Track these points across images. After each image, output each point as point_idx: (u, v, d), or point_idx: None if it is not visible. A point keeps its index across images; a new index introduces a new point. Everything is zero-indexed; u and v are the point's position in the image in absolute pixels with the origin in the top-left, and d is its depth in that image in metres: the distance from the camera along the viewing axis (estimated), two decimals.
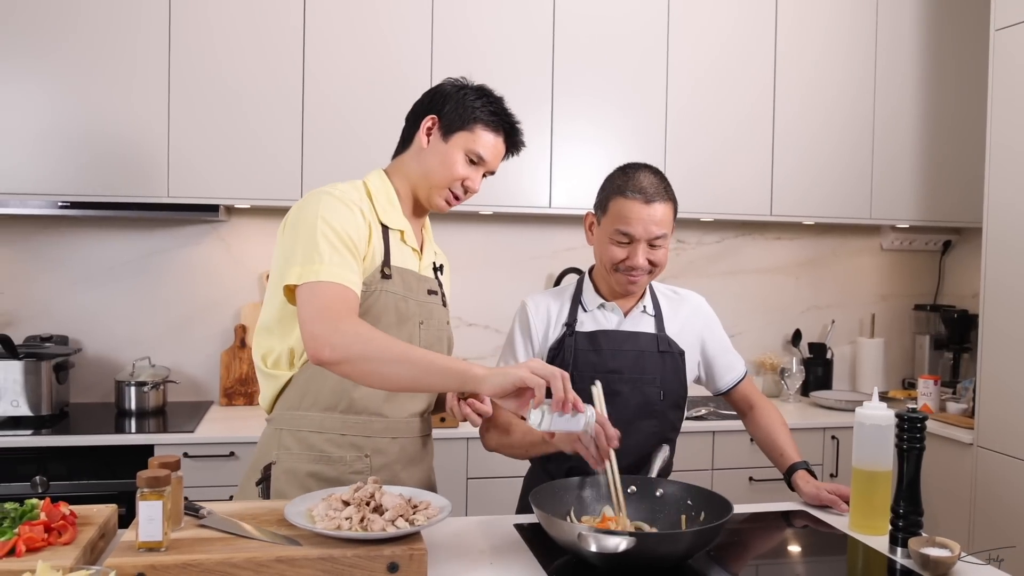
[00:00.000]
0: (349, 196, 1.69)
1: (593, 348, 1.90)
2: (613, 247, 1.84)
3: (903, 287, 3.87)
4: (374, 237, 1.71)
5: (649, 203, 1.81)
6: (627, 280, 1.86)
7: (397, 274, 1.74)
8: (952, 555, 1.47)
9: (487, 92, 1.80)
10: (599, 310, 1.95)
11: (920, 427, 1.55)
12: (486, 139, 1.76)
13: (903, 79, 3.48)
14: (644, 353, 1.91)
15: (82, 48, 2.81)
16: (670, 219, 1.85)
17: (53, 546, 1.37)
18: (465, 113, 1.75)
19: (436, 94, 1.80)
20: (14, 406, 2.80)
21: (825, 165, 3.40)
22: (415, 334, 1.77)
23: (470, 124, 1.75)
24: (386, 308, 1.72)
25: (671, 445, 1.99)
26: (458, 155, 1.75)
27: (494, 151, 1.78)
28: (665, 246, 1.86)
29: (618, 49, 3.20)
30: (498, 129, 1.78)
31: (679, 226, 3.60)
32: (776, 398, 3.58)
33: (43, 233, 3.13)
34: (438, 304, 1.85)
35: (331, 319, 1.51)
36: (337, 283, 1.57)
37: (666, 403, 1.92)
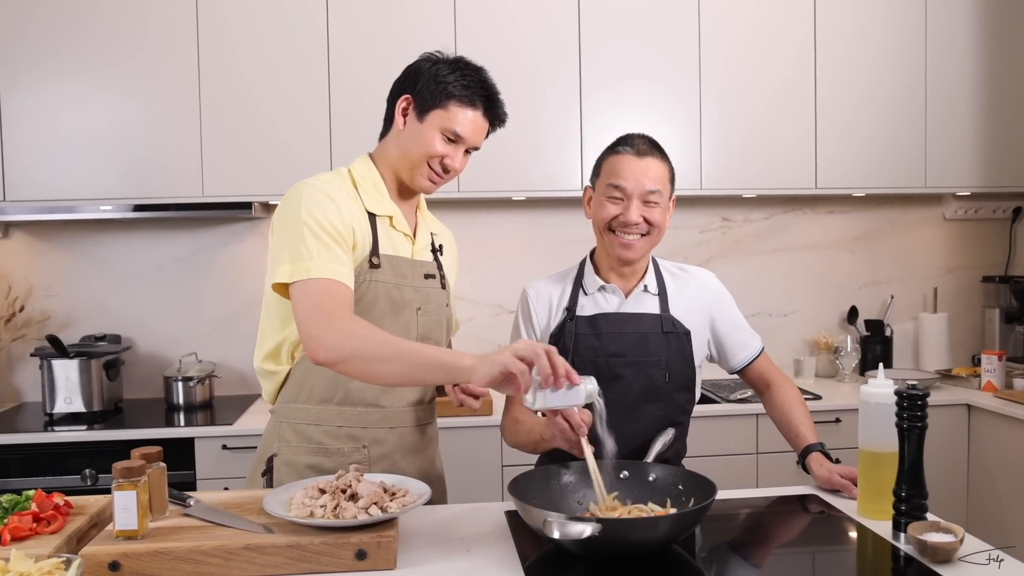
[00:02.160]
0: (332, 186, 1.68)
1: (593, 332, 1.86)
2: (607, 204, 1.81)
3: (970, 258, 3.65)
4: (360, 226, 1.69)
5: (641, 156, 1.80)
6: (620, 242, 1.81)
7: (387, 262, 1.72)
8: (954, 541, 1.37)
9: (461, 64, 1.73)
10: (600, 293, 1.90)
11: (921, 404, 1.45)
12: (461, 115, 1.69)
13: (957, 32, 3.25)
14: (647, 335, 1.85)
15: (119, 61, 2.92)
16: (664, 178, 1.82)
17: (40, 535, 1.42)
18: (437, 90, 1.68)
19: (410, 72, 1.74)
20: (67, 403, 2.94)
21: (873, 132, 3.23)
22: (412, 321, 1.76)
23: (443, 101, 1.68)
24: (377, 297, 1.71)
25: (683, 428, 1.93)
26: (433, 134, 1.69)
27: (472, 127, 1.71)
28: (662, 204, 1.81)
29: (646, 21, 3.11)
30: (474, 103, 1.71)
31: (724, 204, 3.53)
32: (831, 378, 3.44)
33: (93, 237, 3.27)
34: (436, 288, 1.82)
35: (324, 318, 1.51)
36: (327, 279, 1.56)
37: (672, 385, 1.86)
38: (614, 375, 1.83)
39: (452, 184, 3.06)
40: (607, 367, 1.83)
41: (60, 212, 3.01)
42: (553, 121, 3.09)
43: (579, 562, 1.42)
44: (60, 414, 2.95)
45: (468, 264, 3.43)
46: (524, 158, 3.08)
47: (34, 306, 3.24)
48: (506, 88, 3.02)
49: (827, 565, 1.54)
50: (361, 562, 1.37)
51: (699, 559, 1.48)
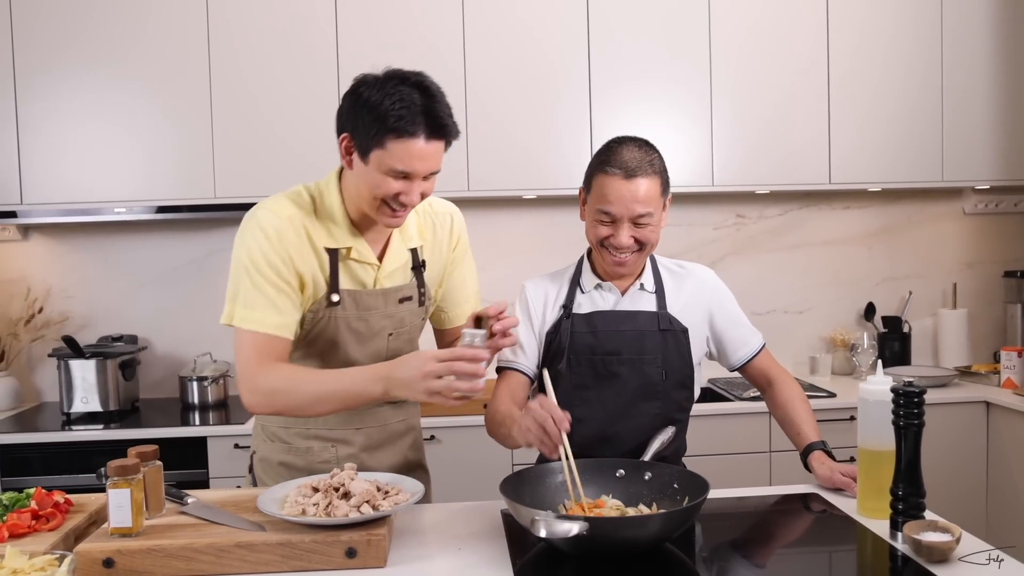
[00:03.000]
0: (282, 219, 1.61)
1: (589, 330, 1.84)
2: (597, 225, 1.78)
3: (991, 253, 3.59)
4: (310, 266, 1.64)
5: (630, 179, 1.72)
6: (613, 260, 1.79)
7: (347, 297, 1.68)
8: (950, 540, 1.35)
9: (392, 88, 1.53)
10: (596, 291, 1.88)
11: (917, 401, 1.43)
12: (402, 151, 1.52)
13: (974, 21, 3.19)
14: (643, 332, 1.84)
15: (133, 65, 2.95)
16: (656, 195, 1.75)
17: (38, 532, 1.45)
18: (371, 127, 1.52)
19: (343, 109, 1.60)
20: (84, 402, 2.99)
21: (888, 125, 3.18)
22: (383, 346, 1.76)
23: (379, 138, 1.52)
24: (338, 331, 1.69)
25: (681, 426, 1.91)
26: (378, 176, 1.55)
27: (418, 159, 1.54)
28: (652, 223, 1.76)
29: (655, 16, 3.09)
30: (413, 132, 1.52)
31: (738, 200, 3.49)
32: (848, 376, 3.40)
33: (110, 239, 3.32)
34: (412, 309, 1.78)
35: (248, 376, 1.60)
36: (254, 332, 1.59)
37: (669, 383, 1.84)
38: (610, 373, 1.82)
39: (462, 183, 3.07)
40: (603, 365, 1.82)
41: (78, 215, 3.06)
42: (563, 118, 3.08)
43: (571, 561, 1.42)
44: (77, 413, 3.00)
45: (479, 263, 3.40)
46: (534, 156, 3.08)
47: (52, 307, 3.29)
48: (515, 86, 3.07)
49: (825, 564, 1.52)
50: (351, 560, 1.38)
51: (698, 558, 1.47)
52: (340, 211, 1.66)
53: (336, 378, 1.59)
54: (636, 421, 1.81)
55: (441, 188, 3.01)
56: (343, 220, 1.67)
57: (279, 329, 1.60)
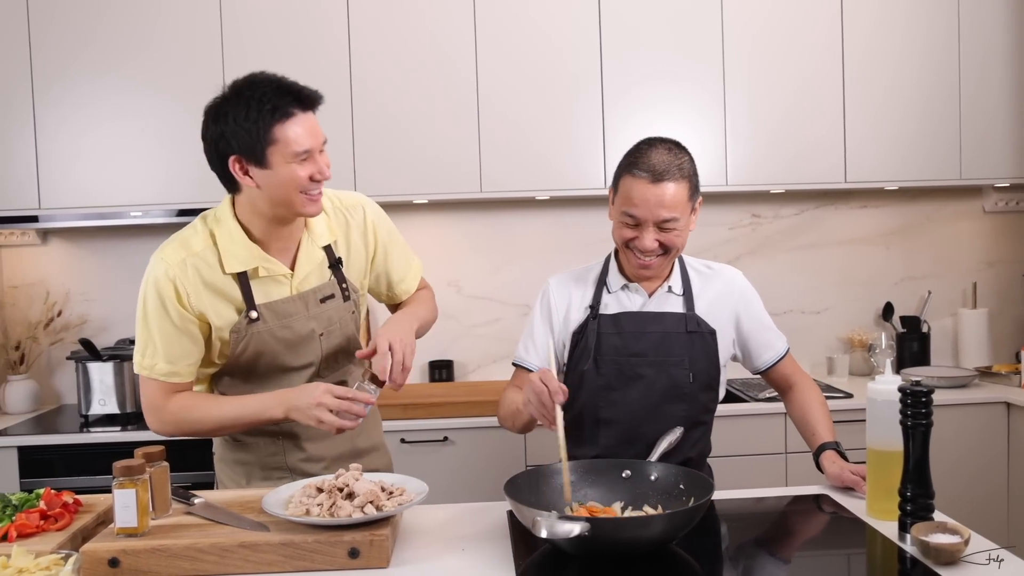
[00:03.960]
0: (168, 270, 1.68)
1: (616, 331, 1.83)
2: (623, 227, 1.77)
3: (1012, 252, 3.53)
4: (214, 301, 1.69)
5: (657, 182, 1.70)
6: (638, 263, 1.78)
7: (266, 310, 1.72)
8: (958, 542, 1.33)
9: (247, 93, 1.60)
10: (623, 291, 1.87)
11: (925, 401, 1.41)
12: (291, 132, 1.58)
13: (991, 14, 3.14)
14: (670, 334, 1.83)
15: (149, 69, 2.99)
16: (683, 200, 1.72)
17: (46, 532, 1.46)
18: (253, 133, 1.57)
19: (215, 139, 1.63)
20: (102, 404, 3.01)
21: (904, 123, 3.14)
22: (316, 348, 1.79)
23: (267, 135, 1.57)
24: (264, 344, 1.74)
25: (706, 428, 1.91)
26: (287, 168, 1.59)
27: (308, 134, 1.61)
28: (679, 228, 1.74)
29: (668, 16, 3.07)
30: (288, 112, 1.59)
31: (753, 200, 3.47)
32: (866, 376, 3.36)
33: (128, 242, 3.35)
34: (337, 305, 1.81)
35: (152, 411, 1.75)
36: (151, 379, 1.72)
37: (696, 385, 1.83)
38: (636, 375, 1.81)
39: (474, 184, 3.07)
40: (629, 366, 1.82)
41: (96, 219, 3.10)
42: (576, 119, 3.07)
43: (575, 563, 1.41)
44: (95, 415, 3.03)
45: (493, 264, 3.44)
46: (547, 157, 3.07)
47: (71, 311, 3.33)
48: (528, 87, 3.06)
49: (833, 566, 1.51)
50: (354, 560, 1.38)
51: (704, 558, 1.46)
52: (240, 235, 1.70)
53: (238, 404, 1.73)
54: (663, 423, 1.79)
55: (454, 189, 3.08)
56: (244, 243, 1.70)
57: (170, 376, 1.71)
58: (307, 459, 1.84)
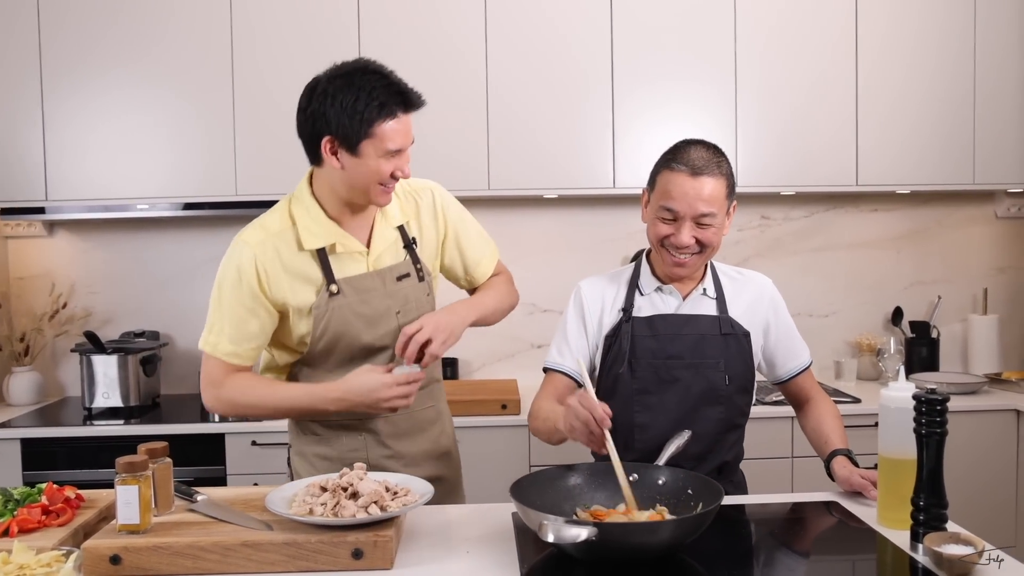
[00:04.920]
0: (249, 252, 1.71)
1: (651, 333, 1.81)
2: (659, 223, 1.75)
3: (1023, 258, 3.50)
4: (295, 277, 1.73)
5: (696, 176, 1.69)
6: (673, 261, 1.76)
7: (346, 285, 1.75)
8: (972, 553, 1.31)
9: (359, 84, 1.64)
10: (656, 293, 1.85)
11: (940, 409, 1.38)
12: (390, 130, 1.64)
13: (1007, 20, 3.11)
14: (705, 337, 1.81)
15: (157, 62, 2.97)
16: (721, 197, 1.71)
17: (48, 527, 1.45)
18: (355, 122, 1.62)
19: (315, 116, 1.67)
20: (106, 398, 3.01)
21: (917, 126, 3.10)
22: (393, 325, 1.80)
23: (367, 129, 1.62)
24: (345, 322, 1.75)
25: (740, 432, 1.89)
26: (375, 162, 1.65)
27: (403, 134, 1.67)
28: (716, 225, 1.72)
29: (680, 15, 3.04)
30: (393, 111, 1.64)
31: (763, 202, 3.44)
32: (874, 381, 3.33)
33: (134, 235, 3.34)
34: (413, 284, 1.83)
35: (209, 388, 1.76)
36: (214, 357, 1.74)
37: (732, 388, 1.81)
38: (672, 378, 1.79)
39: (482, 182, 3.05)
40: (665, 369, 1.79)
41: (102, 211, 3.09)
42: (585, 118, 3.05)
43: (580, 567, 1.40)
44: (99, 409, 3.02)
45: None
46: (556, 155, 3.05)
47: (76, 303, 3.32)
48: (537, 85, 3.04)
49: (843, 575, 1.48)
50: (357, 561, 1.37)
51: (712, 564, 1.44)
52: (317, 212, 1.74)
53: (293, 390, 1.77)
54: (700, 427, 1.77)
55: (461, 187, 3.05)
56: (321, 219, 1.74)
57: (231, 357, 1.74)
58: (391, 456, 1.84)
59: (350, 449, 1.84)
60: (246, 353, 1.75)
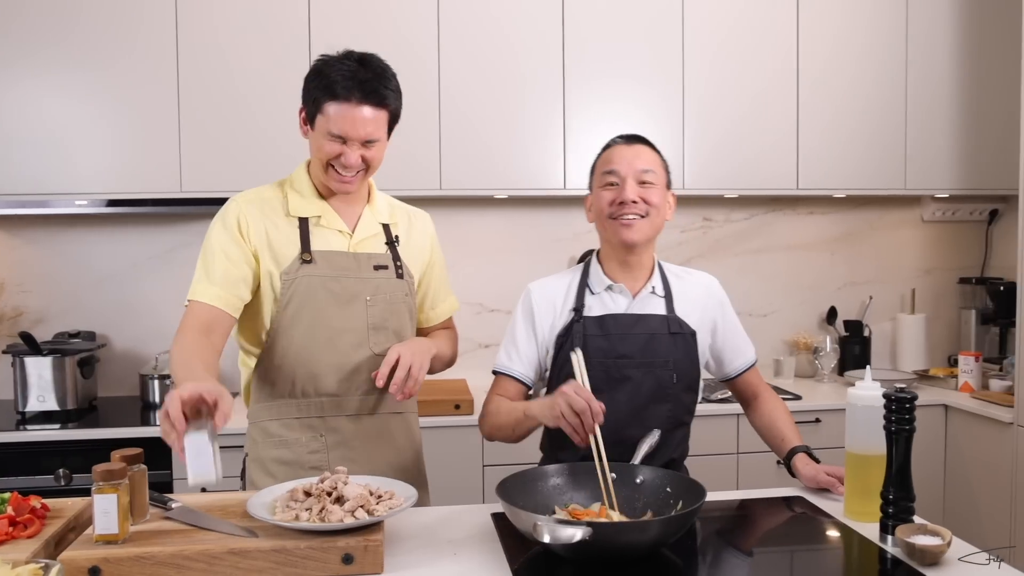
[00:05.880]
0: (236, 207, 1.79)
1: (602, 333, 1.84)
2: (603, 192, 1.83)
3: (947, 260, 3.69)
4: (276, 235, 1.78)
5: (631, 144, 1.84)
6: (621, 225, 1.80)
7: (321, 257, 1.79)
8: (941, 543, 1.38)
9: (335, 61, 1.73)
10: (607, 292, 1.88)
11: (909, 408, 1.45)
12: (335, 113, 1.70)
13: (936, 37, 3.29)
14: (655, 336, 1.84)
15: (95, 53, 2.86)
16: (657, 162, 1.84)
17: (16, 539, 1.39)
18: (312, 95, 1.73)
19: (304, 83, 1.78)
20: (40, 401, 2.88)
21: (854, 134, 3.25)
22: (361, 311, 1.82)
23: (320, 105, 1.71)
24: (312, 291, 1.78)
25: (686, 430, 1.93)
26: (321, 139, 1.73)
27: (349, 121, 1.70)
28: (658, 185, 1.81)
29: (630, 20, 3.10)
30: (348, 97, 1.69)
31: (706, 204, 3.53)
32: (810, 378, 3.46)
33: (67, 232, 3.21)
34: (390, 278, 1.86)
35: (176, 334, 1.70)
36: (196, 301, 1.72)
37: (680, 386, 1.85)
38: (623, 376, 1.82)
39: (434, 181, 3.04)
40: (615, 368, 1.82)
41: (31, 206, 2.96)
42: (536, 119, 3.08)
43: (566, 565, 1.41)
44: (33, 412, 2.90)
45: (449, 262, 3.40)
46: (506, 156, 3.07)
47: (6, 302, 3.17)
48: (489, 86, 3.05)
49: (815, 567, 1.54)
50: (348, 566, 1.35)
51: (686, 560, 1.48)
52: (308, 185, 1.83)
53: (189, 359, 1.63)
54: (648, 423, 1.80)
55: (413, 187, 3.04)
56: (310, 192, 1.83)
57: (215, 298, 1.71)
58: (351, 460, 1.82)
59: (309, 451, 1.82)
60: (232, 300, 1.73)
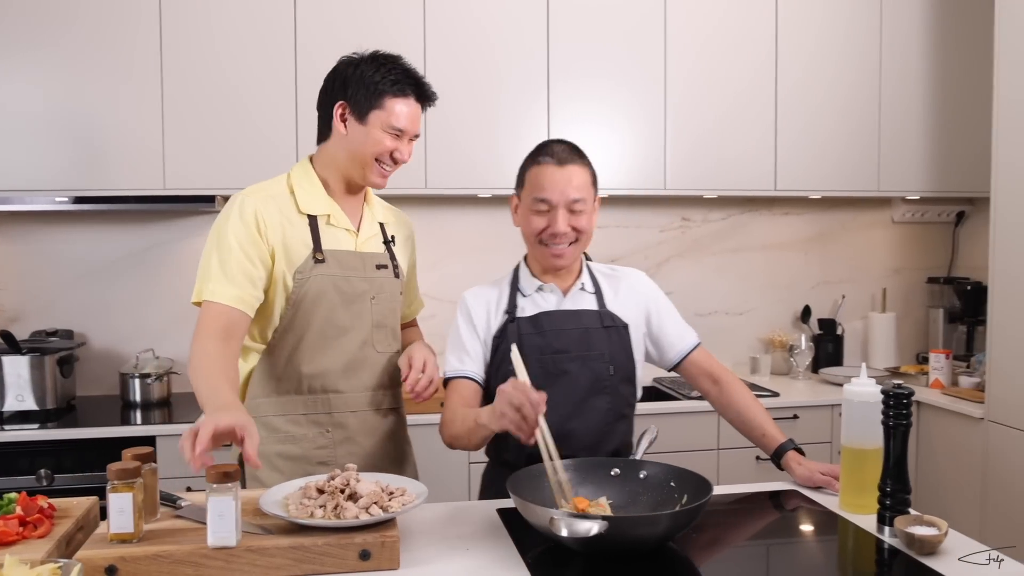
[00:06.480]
0: (256, 200, 1.78)
1: (536, 331, 1.85)
2: (534, 217, 1.82)
3: (916, 260, 3.80)
4: (289, 233, 1.79)
5: (563, 166, 1.80)
6: (551, 253, 1.82)
7: (331, 257, 1.82)
8: (939, 534, 1.43)
9: (383, 60, 1.80)
10: (538, 293, 1.90)
11: (906, 403, 1.51)
12: (399, 109, 1.78)
13: (909, 46, 3.39)
14: (588, 330, 1.87)
15: (76, 43, 2.82)
16: (587, 183, 1.83)
17: (28, 539, 1.38)
18: (370, 91, 1.77)
19: (336, 79, 1.82)
20: (19, 400, 2.83)
21: (830, 137, 3.33)
22: (366, 309, 1.86)
23: (379, 100, 1.76)
24: (324, 290, 1.81)
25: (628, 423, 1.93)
26: (378, 133, 1.78)
27: (410, 117, 1.80)
28: (587, 212, 1.82)
29: (614, 23, 3.15)
30: (407, 93, 1.79)
31: (684, 204, 3.58)
32: (785, 376, 3.53)
33: (45, 229, 3.15)
34: (389, 277, 1.92)
35: (195, 337, 1.69)
36: (213, 302, 1.71)
37: (617, 378, 1.87)
38: (560, 371, 1.83)
39: (419, 180, 3.05)
40: (553, 363, 1.84)
41: (5, 203, 2.90)
42: (520, 120, 3.10)
43: (577, 557, 1.44)
44: (11, 412, 2.84)
45: (431, 261, 3.41)
46: (489, 156, 3.09)
47: None
48: (474, 86, 3.07)
49: (814, 558, 1.59)
50: (365, 562, 1.37)
51: (691, 554, 1.51)
52: (317, 183, 1.85)
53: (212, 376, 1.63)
54: (589, 416, 1.83)
55: (399, 184, 3.01)
56: (320, 191, 1.85)
57: (234, 299, 1.71)
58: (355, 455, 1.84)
59: (316, 447, 1.84)
60: (250, 300, 1.74)
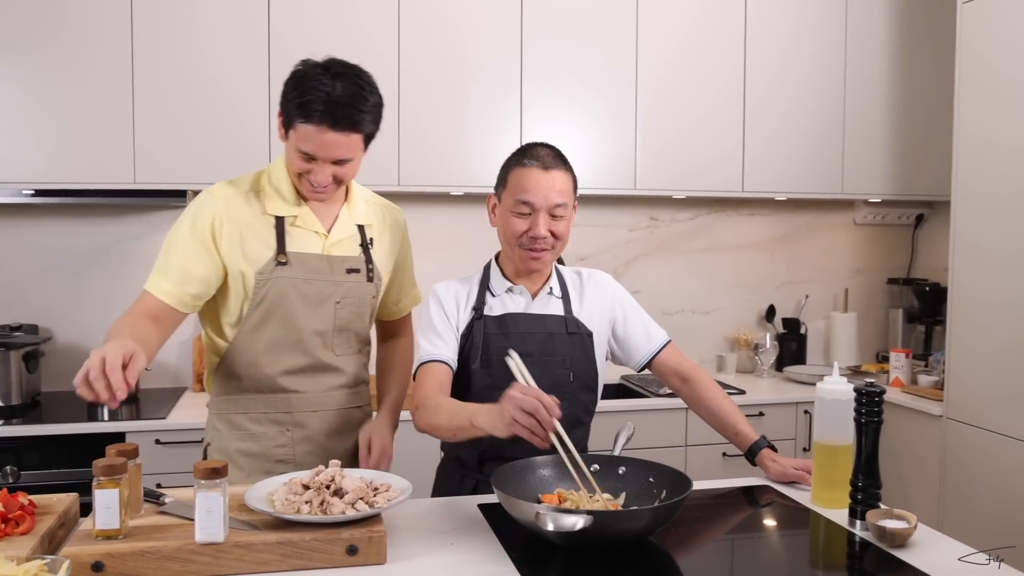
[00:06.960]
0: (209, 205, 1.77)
1: (502, 331, 1.87)
2: (515, 219, 1.82)
3: (877, 261, 3.89)
4: (250, 232, 1.78)
5: (547, 170, 1.80)
6: (530, 256, 1.83)
7: (295, 259, 1.80)
8: (909, 527, 1.49)
9: (305, 79, 1.68)
10: (507, 294, 1.92)
11: (878, 401, 1.56)
12: (305, 134, 1.68)
13: (873, 54, 3.48)
14: (552, 335, 1.89)
15: (43, 33, 2.77)
16: (570, 189, 1.84)
17: (10, 536, 1.37)
18: (286, 110, 1.72)
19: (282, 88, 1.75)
20: None
21: (796, 140, 3.41)
22: (329, 313, 1.85)
23: (293, 121, 1.70)
24: (285, 292, 1.80)
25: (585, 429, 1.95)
26: (293, 153, 1.74)
27: (318, 144, 1.69)
28: (567, 217, 1.84)
29: (587, 25, 3.18)
30: (314, 119, 1.66)
31: (653, 204, 3.63)
32: (750, 373, 3.60)
33: (11, 222, 3.10)
34: (360, 281, 1.88)
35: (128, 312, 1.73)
36: (148, 292, 1.75)
37: (576, 384, 1.89)
38: None
39: (392, 177, 3.06)
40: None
41: None
42: (494, 117, 3.12)
43: (559, 551, 1.47)
44: None
45: None
46: (464, 153, 3.11)
47: None
48: (448, 85, 3.08)
49: (789, 550, 1.63)
50: (352, 557, 1.38)
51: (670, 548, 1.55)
52: (286, 184, 1.82)
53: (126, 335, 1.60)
54: None
55: (371, 181, 3.02)
56: (289, 192, 1.82)
57: (165, 293, 1.73)
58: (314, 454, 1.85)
59: (276, 445, 1.85)
60: (183, 297, 1.75)
